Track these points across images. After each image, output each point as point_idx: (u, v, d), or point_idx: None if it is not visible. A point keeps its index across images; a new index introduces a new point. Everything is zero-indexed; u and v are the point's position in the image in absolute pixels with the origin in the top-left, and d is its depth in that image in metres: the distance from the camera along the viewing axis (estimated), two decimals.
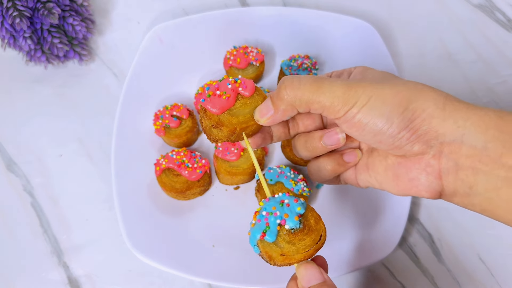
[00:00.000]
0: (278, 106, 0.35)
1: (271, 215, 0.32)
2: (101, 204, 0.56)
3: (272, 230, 0.32)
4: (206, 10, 0.66)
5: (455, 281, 0.53)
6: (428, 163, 0.33)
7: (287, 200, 0.33)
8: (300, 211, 0.33)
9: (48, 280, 0.53)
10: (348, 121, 0.34)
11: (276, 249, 0.32)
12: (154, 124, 0.57)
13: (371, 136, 0.34)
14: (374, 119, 0.33)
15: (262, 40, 0.65)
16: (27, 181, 0.58)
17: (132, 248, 0.51)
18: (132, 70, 0.60)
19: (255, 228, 0.32)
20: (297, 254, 0.32)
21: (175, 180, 0.54)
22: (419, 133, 0.32)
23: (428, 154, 0.33)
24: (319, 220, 0.33)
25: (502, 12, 0.70)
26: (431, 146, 0.33)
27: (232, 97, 0.36)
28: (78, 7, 0.62)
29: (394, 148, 0.34)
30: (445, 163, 0.33)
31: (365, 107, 0.33)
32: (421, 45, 0.68)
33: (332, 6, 0.70)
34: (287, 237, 0.32)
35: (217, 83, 0.37)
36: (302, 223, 0.33)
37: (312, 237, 0.32)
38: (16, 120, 0.61)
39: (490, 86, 0.64)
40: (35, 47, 0.60)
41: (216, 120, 0.36)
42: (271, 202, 0.33)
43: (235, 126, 0.35)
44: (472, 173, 0.31)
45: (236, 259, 0.52)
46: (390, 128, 0.33)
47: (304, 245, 0.32)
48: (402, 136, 0.33)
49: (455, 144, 0.32)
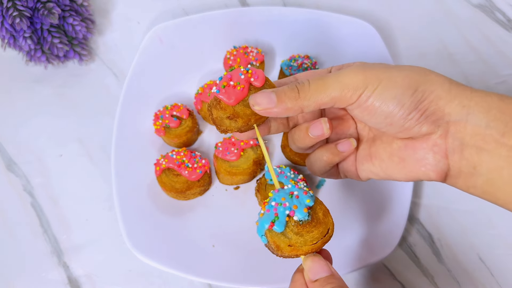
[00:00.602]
0: (284, 102, 0.34)
1: (280, 205, 0.32)
2: (101, 204, 0.56)
3: (281, 221, 0.32)
4: (206, 10, 0.66)
5: (455, 281, 0.53)
6: (435, 143, 0.34)
7: (297, 192, 0.33)
8: (309, 203, 0.33)
9: (48, 280, 0.53)
10: (361, 105, 0.34)
11: (284, 239, 0.32)
12: (154, 124, 0.57)
13: (382, 118, 0.34)
14: (386, 102, 0.33)
15: (262, 40, 0.65)
16: (27, 181, 0.58)
17: (132, 248, 0.51)
18: (132, 70, 0.60)
19: (264, 217, 0.33)
20: (305, 246, 0.32)
21: (175, 180, 0.54)
22: (427, 114, 0.33)
23: (435, 133, 0.34)
24: (328, 213, 0.34)
25: (502, 12, 0.70)
26: (439, 125, 0.33)
27: (246, 88, 0.36)
28: (78, 7, 0.62)
29: (404, 130, 0.34)
30: (451, 142, 0.33)
31: (377, 90, 0.33)
32: (421, 45, 0.68)
33: (332, 6, 0.70)
34: (295, 228, 0.32)
35: (229, 73, 0.37)
36: (310, 215, 0.33)
37: (320, 230, 0.32)
38: (16, 120, 0.62)
39: (490, 86, 0.64)
40: (35, 47, 0.60)
41: (232, 112, 0.35)
42: (280, 193, 0.34)
43: (250, 117, 0.35)
44: (476, 152, 0.32)
45: (236, 259, 0.52)
46: (401, 110, 0.33)
47: (312, 237, 0.32)
48: (412, 117, 0.33)
49: (461, 123, 0.32)
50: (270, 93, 0.35)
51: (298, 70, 0.59)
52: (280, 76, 0.62)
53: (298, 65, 0.60)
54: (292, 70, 0.60)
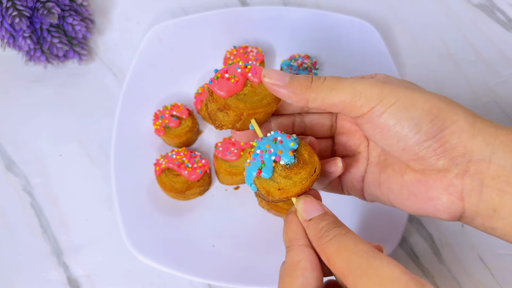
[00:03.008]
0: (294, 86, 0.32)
1: (265, 152, 0.33)
2: (100, 204, 0.56)
3: (268, 167, 0.32)
4: (206, 10, 0.66)
5: (455, 281, 0.53)
6: (450, 182, 0.31)
7: (280, 137, 0.34)
8: (294, 147, 0.33)
9: (48, 280, 0.53)
10: (372, 120, 0.31)
11: (273, 184, 0.33)
12: (154, 124, 0.57)
13: (395, 140, 0.31)
14: (401, 122, 0.30)
15: (262, 40, 0.65)
16: (27, 181, 0.58)
17: (132, 248, 0.50)
18: (132, 70, 0.60)
19: (251, 166, 0.33)
20: (294, 187, 0.32)
21: (175, 180, 0.54)
22: (447, 147, 0.30)
23: (451, 172, 0.31)
24: (313, 153, 0.34)
25: (502, 12, 0.70)
26: (457, 164, 0.30)
27: (240, 81, 0.35)
28: (77, 6, 0.62)
29: (417, 159, 0.31)
30: (469, 183, 0.31)
31: (393, 107, 0.30)
32: (421, 45, 0.68)
33: (332, 5, 0.70)
34: (283, 172, 0.33)
35: (226, 66, 0.36)
36: (296, 157, 0.33)
37: (307, 170, 0.33)
38: (16, 119, 0.61)
39: (490, 86, 0.64)
40: (35, 46, 0.60)
41: (223, 103, 0.35)
42: (264, 141, 0.34)
43: (242, 111, 0.34)
44: (497, 195, 0.30)
45: (236, 259, 0.52)
46: (417, 134, 0.30)
47: (300, 178, 0.33)
48: (429, 146, 0.30)
49: (483, 163, 0.30)
50: (285, 74, 0.33)
51: (298, 69, 0.59)
52: None
53: (298, 65, 0.60)
54: (292, 69, 0.60)
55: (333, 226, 0.30)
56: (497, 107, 0.63)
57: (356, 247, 0.28)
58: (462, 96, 0.63)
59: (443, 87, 0.64)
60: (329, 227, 0.30)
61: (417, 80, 0.64)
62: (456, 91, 0.64)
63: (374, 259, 0.27)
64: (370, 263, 0.26)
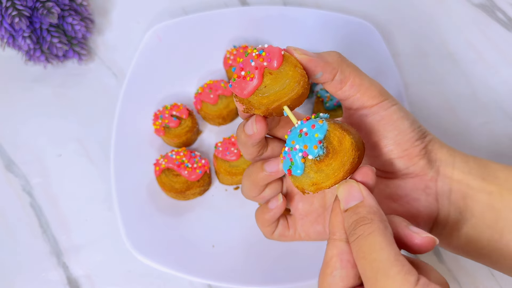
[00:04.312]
0: (326, 56, 0.33)
1: (291, 150, 0.31)
2: (100, 204, 0.56)
3: (297, 165, 0.31)
4: (206, 10, 0.66)
5: (455, 281, 0.53)
6: (427, 185, 0.35)
7: (305, 128, 0.31)
8: (319, 137, 0.30)
9: (48, 281, 0.52)
10: (378, 112, 0.34)
11: (306, 180, 0.31)
12: (154, 124, 0.57)
13: (394, 133, 0.34)
14: (403, 118, 0.34)
15: (262, 40, 0.65)
16: (26, 181, 0.58)
17: (132, 249, 0.50)
18: (132, 70, 0.60)
19: (283, 165, 0.32)
20: (328, 180, 0.30)
21: (174, 180, 0.54)
22: (427, 149, 0.35)
23: (427, 175, 0.35)
24: (343, 138, 0.31)
25: (502, 12, 0.70)
26: (431, 167, 0.35)
27: (257, 75, 0.33)
28: (77, 6, 0.62)
29: (405, 156, 0.34)
30: (441, 186, 0.35)
31: (397, 105, 0.34)
32: (421, 45, 0.68)
33: (332, 5, 0.70)
34: (314, 166, 0.31)
35: (241, 61, 0.34)
36: (325, 148, 0.31)
37: (339, 159, 0.30)
38: (15, 119, 0.61)
39: (490, 86, 0.64)
40: (34, 46, 0.60)
41: (247, 104, 0.33)
42: (290, 136, 0.32)
43: (267, 106, 0.32)
44: (461, 197, 0.34)
45: (236, 259, 0.52)
46: (412, 132, 0.34)
47: (333, 169, 0.30)
48: (417, 145, 0.34)
49: (449, 169, 0.35)
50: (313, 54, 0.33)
51: None
52: None
53: None
54: None
55: (361, 224, 0.27)
56: (497, 107, 0.62)
57: (371, 255, 0.25)
58: (462, 96, 0.63)
59: (443, 87, 0.64)
60: (357, 224, 0.27)
61: (417, 80, 0.64)
62: (456, 91, 0.64)
63: (381, 275, 0.24)
64: (378, 279, 0.24)
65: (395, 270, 0.24)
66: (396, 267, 0.24)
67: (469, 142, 0.60)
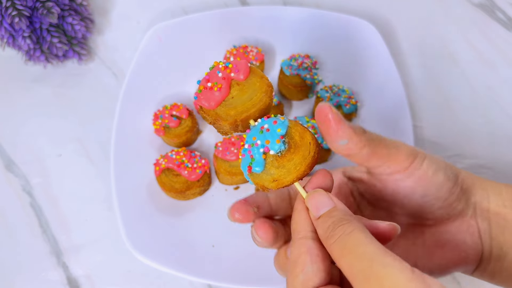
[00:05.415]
0: (352, 129, 0.32)
1: (253, 146, 0.31)
2: (100, 204, 0.56)
3: (257, 161, 0.30)
4: (205, 10, 0.66)
5: (455, 281, 0.53)
6: (469, 224, 0.35)
7: (267, 124, 0.31)
8: (281, 132, 0.30)
9: (47, 280, 0.52)
10: (413, 173, 0.34)
11: (267, 177, 0.30)
12: (154, 124, 0.57)
13: (435, 190, 0.34)
14: (437, 172, 0.34)
15: (262, 40, 0.65)
16: (26, 181, 0.57)
17: (132, 249, 0.50)
18: (132, 70, 0.60)
19: (242, 163, 0.31)
20: (289, 176, 0.30)
21: (174, 180, 0.54)
22: (464, 189, 0.34)
23: (467, 214, 0.35)
24: (304, 133, 0.31)
25: (502, 11, 0.70)
26: (469, 206, 0.34)
27: (224, 86, 0.32)
28: (77, 6, 0.62)
29: (446, 206, 0.34)
30: (481, 222, 0.34)
31: (427, 159, 0.34)
32: (421, 45, 0.68)
33: (332, 5, 0.70)
34: (275, 162, 0.30)
35: (208, 73, 0.33)
36: (286, 143, 0.30)
37: (301, 154, 0.30)
38: (15, 119, 0.61)
39: (490, 86, 0.64)
40: (34, 46, 0.60)
41: (214, 115, 0.32)
42: (251, 133, 0.31)
43: (234, 118, 0.32)
44: (501, 232, 0.34)
45: (236, 259, 0.52)
46: (448, 182, 0.34)
47: (294, 164, 0.30)
48: (454, 192, 0.34)
49: (484, 204, 0.34)
50: (351, 127, 0.33)
51: (298, 69, 0.59)
52: (280, 75, 0.62)
53: (298, 65, 0.60)
54: (292, 69, 0.59)
55: (339, 225, 0.27)
56: (497, 107, 0.62)
57: (358, 249, 0.25)
58: (462, 96, 0.63)
59: (443, 87, 0.64)
60: (335, 226, 0.27)
61: (417, 80, 0.64)
62: (456, 91, 0.64)
63: (377, 264, 0.24)
64: (373, 269, 0.24)
65: (389, 258, 0.24)
66: (390, 256, 0.24)
67: (469, 142, 0.60)
